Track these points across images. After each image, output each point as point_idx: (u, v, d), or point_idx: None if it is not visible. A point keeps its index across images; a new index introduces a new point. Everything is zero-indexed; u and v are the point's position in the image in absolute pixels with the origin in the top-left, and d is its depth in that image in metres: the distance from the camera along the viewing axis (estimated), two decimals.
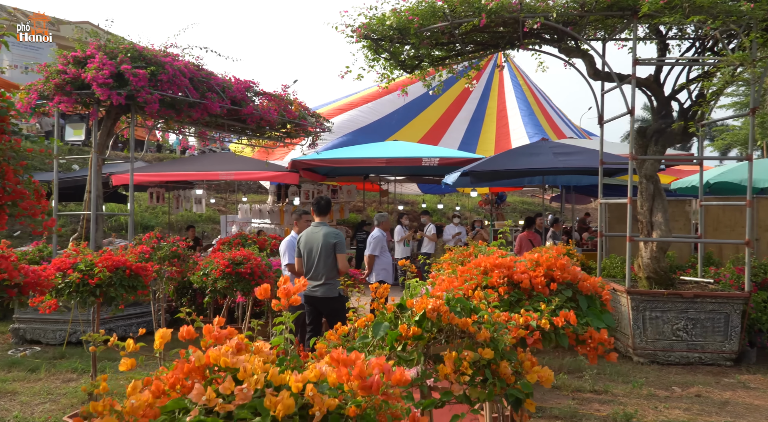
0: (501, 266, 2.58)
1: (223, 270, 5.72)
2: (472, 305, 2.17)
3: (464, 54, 9.58)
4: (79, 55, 8.48)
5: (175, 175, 13.27)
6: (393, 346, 1.97)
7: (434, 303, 1.98)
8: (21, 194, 3.08)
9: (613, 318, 2.72)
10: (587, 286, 2.61)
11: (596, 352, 2.42)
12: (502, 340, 2.01)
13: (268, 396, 1.24)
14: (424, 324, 1.99)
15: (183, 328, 1.60)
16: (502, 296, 2.51)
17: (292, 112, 11.08)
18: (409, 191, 21.83)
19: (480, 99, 22.58)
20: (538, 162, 10.12)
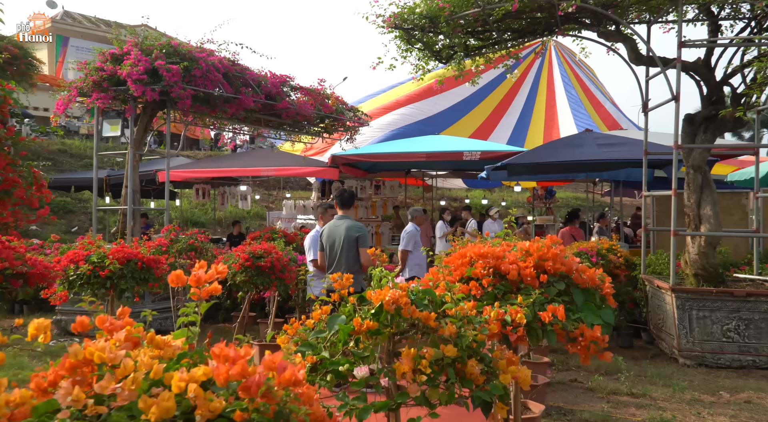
0: (487, 255, 2.37)
1: (242, 264, 5.66)
2: (459, 298, 1.98)
3: (501, 43, 9.26)
4: (116, 52, 8.60)
5: (217, 171, 13.41)
6: (346, 341, 1.80)
7: (393, 295, 1.80)
8: (13, 182, 3.05)
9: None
10: (584, 279, 2.37)
11: (588, 351, 2.18)
12: (466, 336, 1.81)
13: (143, 397, 1.09)
14: (382, 317, 1.81)
15: (78, 319, 1.47)
16: (486, 288, 2.30)
17: (329, 106, 10.99)
18: (454, 186, 21.51)
19: (529, 93, 22.09)
20: (579, 154, 9.71)
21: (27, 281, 3.73)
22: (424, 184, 18.71)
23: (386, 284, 1.94)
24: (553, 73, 22.66)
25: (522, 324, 2.08)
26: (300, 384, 1.17)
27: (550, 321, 2.14)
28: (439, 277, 2.38)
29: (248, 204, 17.66)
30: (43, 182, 3.43)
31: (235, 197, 17.06)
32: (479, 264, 2.34)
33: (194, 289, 1.57)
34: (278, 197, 22.69)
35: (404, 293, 1.81)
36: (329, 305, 1.99)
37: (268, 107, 10.07)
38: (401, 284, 1.89)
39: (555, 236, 2.58)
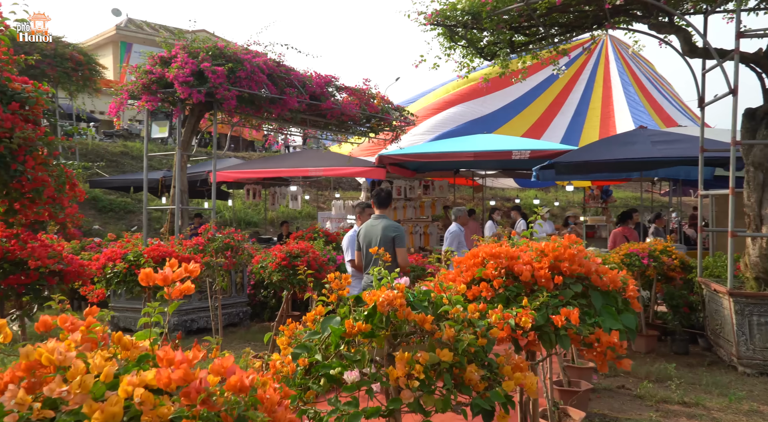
0: (499, 255, 2.24)
1: (279, 263, 5.66)
2: (456, 300, 1.87)
3: (548, 38, 9.01)
4: (165, 55, 8.79)
5: (266, 172, 13.57)
6: (338, 344, 1.72)
7: (387, 296, 1.71)
8: (42, 181, 3.12)
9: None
10: (604, 281, 2.21)
11: (604, 357, 2.03)
12: (463, 341, 1.70)
13: (88, 401, 1.04)
14: (376, 319, 1.72)
15: (41, 319, 1.44)
16: (497, 290, 2.18)
17: (374, 106, 10.96)
18: (506, 185, 21.16)
19: (584, 91, 21.54)
20: (632, 152, 9.34)
21: (63, 279, 3.81)
22: (474, 184, 18.47)
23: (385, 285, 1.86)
24: (609, 70, 22.04)
25: (527, 327, 1.96)
26: (245, 390, 1.10)
27: (564, 325, 2.01)
28: (449, 278, 2.28)
29: (298, 204, 17.83)
30: (75, 181, 3.50)
31: (285, 198, 17.25)
32: (490, 265, 2.22)
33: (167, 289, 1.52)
34: (329, 198, 22.85)
35: (399, 295, 1.72)
36: (324, 305, 1.93)
37: (313, 108, 10.12)
38: (400, 284, 1.80)
39: (573, 236, 2.43)
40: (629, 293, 2.27)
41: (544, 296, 2.09)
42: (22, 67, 16.52)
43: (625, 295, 2.26)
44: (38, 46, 18.25)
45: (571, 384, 5.50)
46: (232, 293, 9.01)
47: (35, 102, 3.31)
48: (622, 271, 2.37)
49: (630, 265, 7.41)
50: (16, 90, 3.29)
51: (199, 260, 4.74)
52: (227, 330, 8.69)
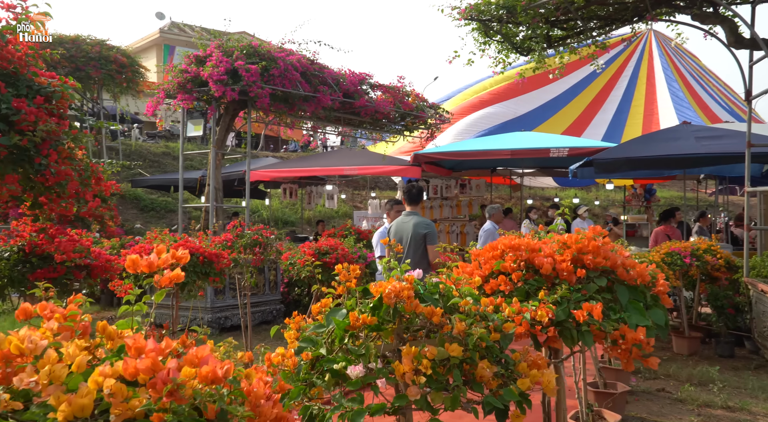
0: (519, 247, 2.13)
1: (307, 260, 5.63)
2: (468, 292, 1.77)
3: (586, 32, 8.79)
4: (200, 54, 8.88)
5: (301, 171, 13.62)
6: (343, 338, 1.64)
7: (394, 287, 1.63)
8: (66, 175, 3.13)
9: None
10: (631, 275, 2.08)
11: (630, 355, 1.90)
12: (473, 335, 1.60)
13: (56, 393, 0.99)
14: (381, 311, 1.64)
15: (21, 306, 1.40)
16: (516, 283, 2.07)
17: (409, 104, 10.87)
18: (545, 184, 20.80)
19: (627, 87, 21.06)
20: (675, 148, 9.02)
21: (90, 274, 3.83)
22: (512, 182, 18.20)
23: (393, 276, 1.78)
24: (653, 66, 21.51)
25: (545, 322, 1.85)
26: (218, 381, 1.03)
27: (586, 320, 1.89)
28: (467, 271, 2.18)
29: (335, 204, 17.85)
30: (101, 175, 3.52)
31: (321, 197, 17.29)
32: (509, 257, 2.12)
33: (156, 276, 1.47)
34: (366, 197, 22.85)
35: (407, 286, 1.64)
36: (330, 297, 1.86)
37: (346, 106, 10.09)
38: (410, 276, 1.72)
39: (599, 227, 2.30)
40: (659, 288, 2.13)
41: (563, 289, 1.97)
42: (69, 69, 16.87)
43: (654, 290, 2.12)
44: (83, 49, 18.74)
45: (607, 386, 5.32)
46: (265, 291, 9.04)
47: (60, 96, 3.35)
48: (651, 265, 2.24)
49: (671, 264, 7.15)
50: (42, 84, 3.32)
51: (226, 256, 4.75)
52: (260, 328, 8.71)
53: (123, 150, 24.51)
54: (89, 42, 19.36)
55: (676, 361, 7.07)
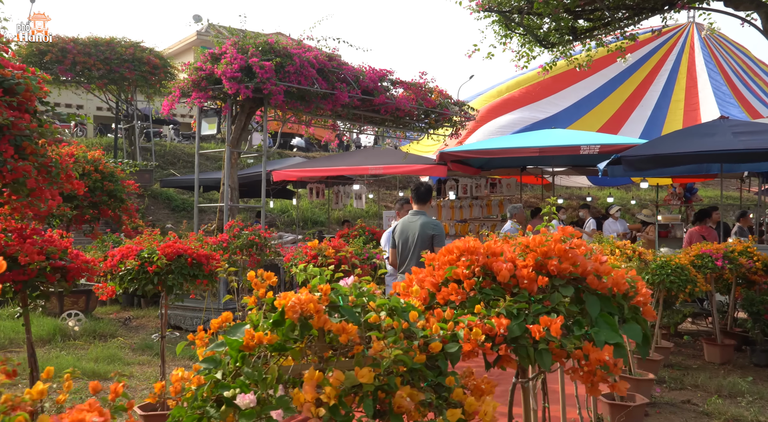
0: (475, 251, 1.85)
1: (308, 261, 5.43)
2: (394, 303, 1.51)
3: (614, 23, 8.37)
4: (215, 52, 8.78)
5: (324, 170, 13.46)
6: (239, 359, 1.40)
7: (298, 298, 1.38)
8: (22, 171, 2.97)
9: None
10: (603, 284, 1.78)
11: (593, 378, 1.61)
12: (386, 358, 1.34)
13: None
14: (285, 328, 1.40)
15: None
16: (468, 292, 1.80)
17: (431, 100, 10.58)
18: (579, 183, 20.20)
19: (666, 82, 20.32)
20: (711, 144, 8.51)
21: (65, 276, 3.69)
22: (545, 182, 17.72)
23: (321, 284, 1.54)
24: (695, 60, 20.71)
25: (479, 339, 1.57)
26: None
27: (543, 336, 1.62)
28: (419, 279, 1.92)
29: (363, 203, 17.66)
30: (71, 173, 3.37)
31: (349, 197, 17.11)
32: (462, 262, 1.85)
33: None
34: (396, 197, 22.60)
35: (313, 298, 1.39)
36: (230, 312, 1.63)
37: (366, 103, 9.86)
38: (322, 286, 1.47)
39: (570, 228, 2.01)
40: (638, 298, 1.83)
41: (506, 300, 1.69)
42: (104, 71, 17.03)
43: (634, 301, 1.82)
44: (117, 51, 18.99)
45: (624, 398, 4.96)
46: None
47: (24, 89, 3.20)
48: (631, 271, 1.93)
49: (701, 267, 6.71)
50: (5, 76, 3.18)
51: (217, 257, 4.58)
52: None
53: (158, 151, 24.81)
54: (123, 44, 19.60)
55: (707, 370, 6.63)
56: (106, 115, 26.64)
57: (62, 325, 8.07)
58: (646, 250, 6.08)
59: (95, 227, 9.00)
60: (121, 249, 4.36)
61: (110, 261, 4.30)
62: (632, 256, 5.71)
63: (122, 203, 9.07)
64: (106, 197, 8.65)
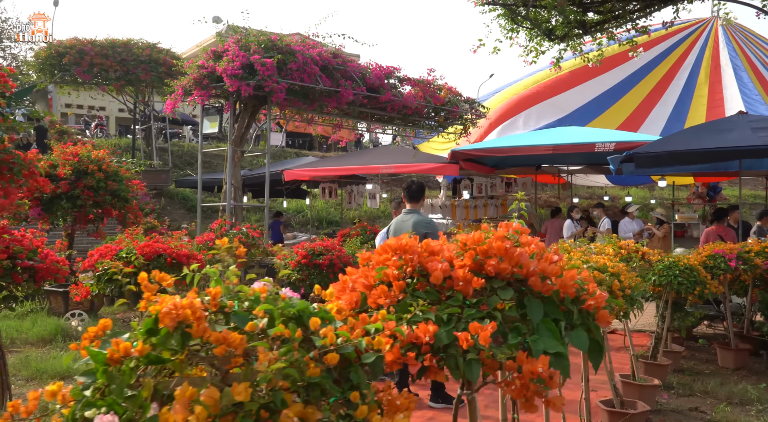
0: (410, 249, 1.67)
1: (299, 262, 5.29)
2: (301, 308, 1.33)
3: (625, 15, 8.09)
4: (218, 49, 8.70)
5: (337, 169, 13.34)
6: (109, 374, 1.24)
7: (175, 303, 1.22)
8: None
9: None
10: (547, 286, 1.58)
11: (525, 391, 1.42)
12: (266, 373, 1.17)
13: None
14: (161, 336, 1.24)
15: None
16: (397, 295, 1.62)
17: (440, 98, 10.38)
18: (597, 182, 19.80)
19: (688, 77, 19.82)
20: (727, 140, 8.19)
21: (34, 277, 3.59)
22: (562, 181, 17.39)
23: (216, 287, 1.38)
24: (719, 54, 20.17)
25: (384, 349, 1.38)
26: None
27: (470, 345, 1.44)
28: (353, 280, 1.75)
29: (377, 203, 17.50)
30: (33, 169, 3.28)
31: (363, 196, 16.97)
32: (393, 262, 1.67)
33: None
34: None
35: (197, 302, 1.24)
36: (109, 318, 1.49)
37: (373, 101, 9.70)
38: (213, 291, 1.31)
39: (517, 225, 1.82)
40: (590, 302, 1.64)
41: (419, 304, 1.51)
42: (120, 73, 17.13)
43: (585, 305, 1.63)
44: (134, 53, 19.08)
45: (625, 405, 4.72)
46: None
47: None
48: (583, 272, 1.74)
49: (714, 268, 6.41)
50: None
51: (199, 257, 4.46)
52: None
53: (175, 152, 24.94)
54: (140, 45, 19.70)
55: (719, 376, 6.34)
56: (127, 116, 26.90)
57: (65, 325, 8.04)
58: (651, 250, 5.82)
59: (99, 227, 8.96)
60: (99, 249, 4.26)
61: (88, 261, 4.21)
62: (634, 256, 5.46)
63: (127, 202, 9.02)
64: (109, 197, 8.60)
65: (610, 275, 3.74)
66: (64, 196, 8.23)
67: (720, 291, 6.51)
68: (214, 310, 1.33)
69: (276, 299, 1.39)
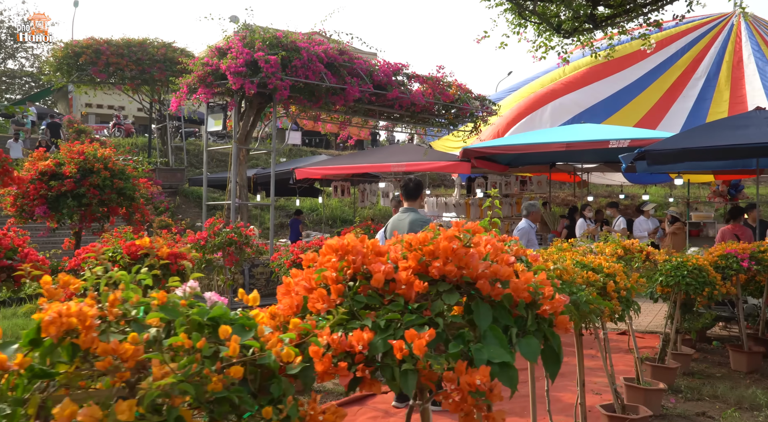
0: (354, 249, 1.55)
1: (293, 261, 5.19)
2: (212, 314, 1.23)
3: (636, 9, 7.88)
4: (222, 46, 8.65)
5: (347, 168, 13.25)
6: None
7: (59, 311, 1.12)
8: None
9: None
10: (497, 289, 1.45)
11: (462, 406, 1.29)
12: (150, 390, 1.07)
13: None
14: (44, 347, 1.13)
15: None
16: (335, 300, 1.50)
17: (449, 95, 10.23)
18: (613, 181, 19.46)
19: (709, 73, 19.42)
20: (743, 137, 7.93)
21: (11, 276, 3.54)
22: (578, 179, 17.12)
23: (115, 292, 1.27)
24: (741, 49, 19.72)
25: (291, 360, 1.26)
26: None
27: (405, 355, 1.32)
28: (296, 282, 1.64)
29: (390, 201, 17.39)
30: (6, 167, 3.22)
31: (376, 194, 16.86)
32: (332, 264, 1.56)
33: None
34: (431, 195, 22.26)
35: (88, 309, 1.13)
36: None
37: (381, 98, 9.59)
38: (112, 297, 1.20)
39: (472, 224, 1.68)
40: (545, 307, 1.50)
41: (339, 314, 1.38)
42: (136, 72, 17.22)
43: (540, 310, 1.50)
44: (149, 52, 19.16)
45: (626, 410, 4.56)
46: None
47: None
48: (540, 274, 1.60)
49: (725, 268, 6.20)
50: None
51: (187, 257, 4.38)
52: None
53: (192, 151, 25.06)
54: (156, 45, 19.78)
55: (730, 379, 6.13)
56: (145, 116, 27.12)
57: None
58: (658, 249, 5.63)
59: (105, 226, 8.96)
60: (85, 248, 4.20)
61: (74, 260, 4.15)
62: (638, 256, 5.28)
63: (133, 201, 9.00)
64: (115, 195, 8.59)
65: (605, 276, 3.59)
66: (70, 194, 8.23)
67: (732, 292, 6.30)
68: (114, 319, 1.23)
69: (176, 306, 1.28)
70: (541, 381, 6.13)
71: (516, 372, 1.39)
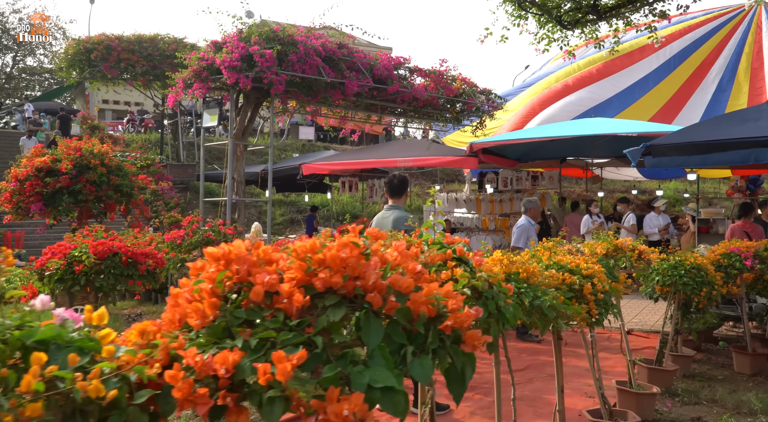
0: (240, 259, 1.39)
1: None
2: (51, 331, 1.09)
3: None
4: (219, 41, 8.54)
5: (353, 163, 13.12)
6: None
7: None
8: None
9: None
10: (391, 303, 1.29)
11: None
12: None
13: None
14: None
15: None
16: (208, 315, 1.36)
17: (453, 89, 10.03)
18: (627, 176, 19.06)
19: (728, 65, 18.93)
20: (752, 130, 7.62)
21: None
22: (590, 174, 16.80)
23: None
24: (762, 40, 19.20)
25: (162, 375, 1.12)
26: None
27: (270, 381, 1.17)
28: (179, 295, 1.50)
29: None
30: None
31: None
32: (209, 274, 1.42)
33: None
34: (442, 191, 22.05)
35: None
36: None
37: (382, 93, 9.42)
38: None
39: (376, 231, 1.52)
40: (447, 322, 1.34)
41: (205, 335, 1.22)
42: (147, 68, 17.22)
43: (441, 326, 1.34)
44: (160, 48, 19.17)
45: (614, 415, 4.37)
46: None
47: None
48: (446, 286, 1.44)
49: (728, 267, 5.96)
50: None
51: (158, 256, 4.28)
52: None
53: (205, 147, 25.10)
54: (167, 40, 19.78)
55: (732, 382, 5.89)
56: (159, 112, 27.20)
57: None
58: (648, 248, 5.41)
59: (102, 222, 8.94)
60: (52, 247, 4.12)
61: (41, 259, 4.07)
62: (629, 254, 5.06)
63: (131, 197, 8.97)
64: (112, 192, 8.56)
65: (582, 278, 3.40)
66: (66, 191, 8.20)
67: (734, 292, 6.06)
68: None
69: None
70: (534, 384, 5.95)
71: (404, 396, 1.24)
